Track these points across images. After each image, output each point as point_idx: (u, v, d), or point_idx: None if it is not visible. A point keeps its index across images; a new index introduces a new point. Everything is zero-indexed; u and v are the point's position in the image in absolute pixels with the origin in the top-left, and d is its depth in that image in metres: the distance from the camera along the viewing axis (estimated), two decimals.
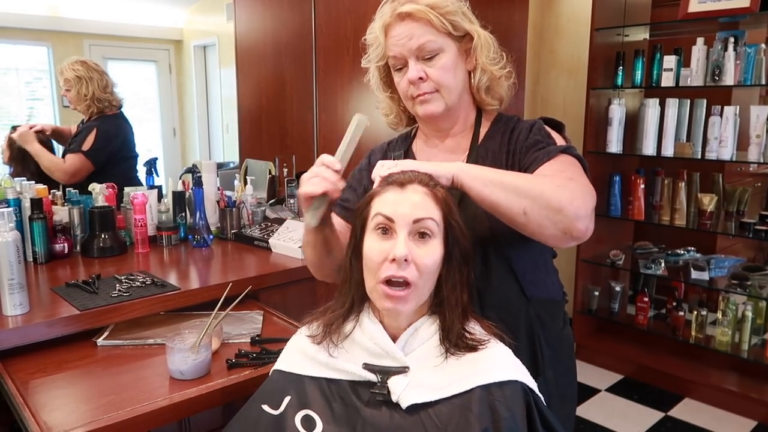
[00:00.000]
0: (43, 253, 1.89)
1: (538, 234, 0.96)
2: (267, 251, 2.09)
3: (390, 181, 0.94)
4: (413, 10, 1.07)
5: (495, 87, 1.16)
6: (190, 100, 6.39)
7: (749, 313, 2.77)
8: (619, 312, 3.28)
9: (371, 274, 0.92)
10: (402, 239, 0.89)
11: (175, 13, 6.24)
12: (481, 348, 0.92)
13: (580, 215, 0.94)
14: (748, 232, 2.79)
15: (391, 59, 1.13)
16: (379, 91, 1.25)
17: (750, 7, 2.56)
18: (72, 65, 2.61)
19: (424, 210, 0.91)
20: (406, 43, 1.09)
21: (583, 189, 0.99)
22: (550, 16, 3.61)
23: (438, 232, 0.91)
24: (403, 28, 1.09)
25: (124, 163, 2.74)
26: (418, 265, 0.89)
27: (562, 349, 1.19)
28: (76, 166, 2.51)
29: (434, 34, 1.08)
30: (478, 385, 0.88)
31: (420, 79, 1.10)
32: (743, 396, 2.72)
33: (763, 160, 2.65)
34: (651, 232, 3.49)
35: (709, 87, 2.77)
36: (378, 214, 0.92)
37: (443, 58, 1.10)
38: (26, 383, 1.25)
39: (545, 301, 1.16)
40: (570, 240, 0.96)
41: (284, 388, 0.98)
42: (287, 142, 3.08)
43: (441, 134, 1.20)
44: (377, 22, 1.14)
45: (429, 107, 1.12)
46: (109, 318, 1.50)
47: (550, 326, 1.16)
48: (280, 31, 3.05)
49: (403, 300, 0.90)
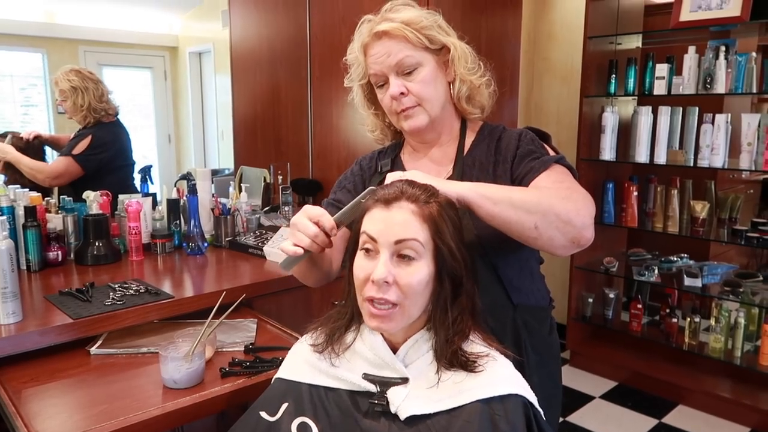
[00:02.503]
0: (36, 261, 1.89)
1: (547, 245, 1.00)
2: (261, 259, 2.09)
3: (377, 197, 0.92)
4: (389, 28, 1.11)
5: (475, 96, 1.19)
6: (186, 107, 6.39)
7: (742, 319, 2.79)
8: (613, 319, 3.29)
9: (359, 292, 0.92)
10: (383, 261, 0.88)
11: (171, 20, 6.25)
12: (477, 369, 0.90)
13: (586, 224, 0.98)
14: (740, 239, 2.81)
15: (373, 77, 1.17)
16: (364, 109, 1.29)
17: (740, 16, 2.58)
18: (66, 75, 2.61)
19: (407, 230, 0.88)
20: (384, 61, 1.12)
21: (585, 199, 1.03)
22: (544, 24, 3.63)
23: (424, 252, 0.89)
24: (381, 47, 1.12)
25: (121, 171, 2.74)
26: (401, 285, 0.88)
27: (548, 354, 1.21)
28: (60, 168, 2.51)
29: (411, 50, 1.11)
30: (478, 399, 0.87)
31: (401, 94, 1.13)
32: (736, 402, 2.73)
33: (754, 168, 2.67)
34: (644, 239, 3.51)
35: (701, 95, 2.80)
36: (364, 232, 0.92)
37: (422, 72, 1.12)
38: (19, 392, 1.24)
39: (532, 308, 1.18)
40: (576, 248, 1.01)
41: (283, 395, 0.98)
42: (282, 150, 3.09)
43: (426, 145, 1.23)
44: (356, 43, 1.18)
45: (413, 122, 1.15)
46: (103, 326, 1.50)
47: (537, 332, 1.17)
48: (275, 39, 3.06)
49: (388, 319, 0.89)
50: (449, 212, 0.93)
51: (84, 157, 2.54)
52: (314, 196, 2.92)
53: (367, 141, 2.74)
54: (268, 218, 2.51)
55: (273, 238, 2.15)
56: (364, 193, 0.98)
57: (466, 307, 0.94)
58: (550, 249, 1.00)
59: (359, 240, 0.93)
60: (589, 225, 0.99)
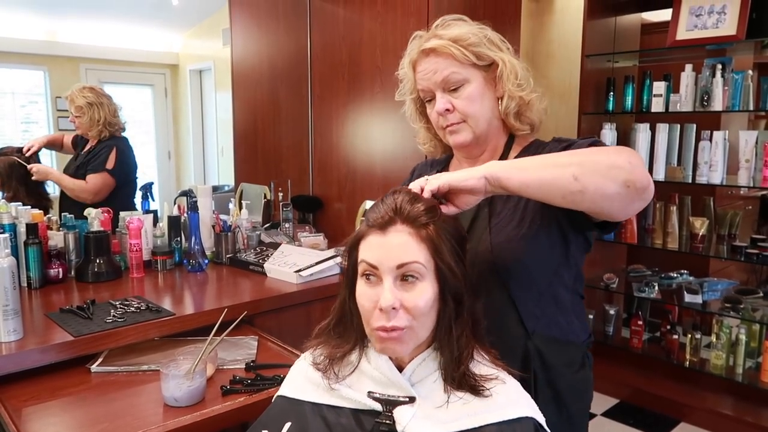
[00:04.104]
0: (37, 278, 1.89)
1: (600, 199, 0.91)
2: (262, 276, 2.09)
3: (371, 223, 0.90)
4: (436, 45, 1.11)
5: (525, 112, 1.17)
6: (186, 124, 6.40)
7: (743, 336, 2.78)
8: (613, 335, 3.28)
9: (366, 322, 0.91)
10: (387, 287, 0.87)
11: (172, 38, 6.29)
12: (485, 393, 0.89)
13: (635, 164, 0.90)
14: (740, 256, 2.81)
15: (421, 92, 1.18)
16: (415, 123, 1.29)
17: (736, 35, 2.62)
18: (81, 92, 2.69)
19: (407, 254, 0.87)
20: (431, 77, 1.13)
21: (621, 147, 0.96)
22: (542, 43, 3.67)
23: (427, 272, 0.88)
24: (428, 63, 1.13)
25: (129, 186, 2.77)
26: (408, 309, 0.87)
27: (570, 394, 1.13)
28: (98, 185, 2.56)
29: (458, 67, 1.11)
30: (490, 422, 0.86)
31: (447, 111, 1.13)
32: (738, 420, 2.71)
33: (753, 184, 2.68)
34: (644, 256, 3.51)
35: (698, 112, 2.82)
36: (363, 261, 0.90)
37: (468, 88, 1.12)
38: (19, 411, 1.24)
39: (551, 339, 1.11)
40: (636, 195, 0.91)
41: (285, 413, 0.97)
42: (282, 167, 3.10)
43: (471, 160, 1.22)
44: (406, 59, 1.19)
45: (457, 137, 1.16)
46: (104, 344, 1.50)
47: (554, 366, 1.11)
48: (276, 57, 3.09)
49: (398, 340, 0.88)
50: (447, 227, 0.92)
51: (116, 170, 2.60)
52: (315, 213, 2.92)
53: (367, 158, 2.78)
54: (268, 235, 2.51)
55: (273, 255, 2.15)
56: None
57: (467, 323, 0.93)
58: (607, 204, 0.92)
59: (357, 268, 0.92)
60: (640, 165, 0.90)
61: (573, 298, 1.17)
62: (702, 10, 2.74)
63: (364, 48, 2.59)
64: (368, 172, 2.66)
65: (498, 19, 2.76)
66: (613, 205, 0.93)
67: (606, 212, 0.96)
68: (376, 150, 2.63)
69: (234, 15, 3.34)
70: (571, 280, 1.15)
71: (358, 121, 2.66)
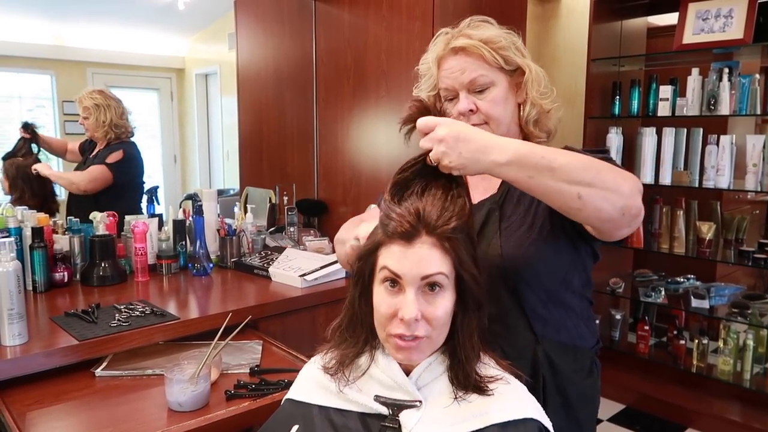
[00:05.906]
0: (42, 282, 1.89)
1: (594, 219, 0.92)
2: (267, 280, 2.08)
3: (393, 232, 0.88)
4: (467, 44, 1.10)
5: (543, 120, 1.17)
6: (191, 128, 6.43)
7: (750, 341, 2.76)
8: (620, 340, 3.26)
9: (381, 326, 0.90)
10: (410, 299, 0.86)
11: (178, 42, 6.32)
12: (489, 392, 0.89)
13: (634, 191, 0.92)
14: (747, 260, 2.79)
15: (443, 90, 1.16)
16: None
17: (743, 39, 2.60)
18: (90, 94, 2.73)
19: (433, 265, 0.86)
20: (458, 77, 1.12)
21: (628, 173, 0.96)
22: (548, 47, 3.67)
23: (448, 283, 0.88)
24: (456, 62, 1.12)
25: (135, 190, 2.78)
26: (430, 319, 0.87)
27: (579, 400, 1.12)
28: (94, 173, 2.57)
29: (486, 69, 1.11)
30: (493, 423, 0.86)
31: (470, 111, 1.12)
32: (746, 426, 2.69)
33: (760, 189, 2.67)
34: (650, 260, 3.49)
35: (705, 116, 2.80)
36: (385, 267, 0.89)
37: (494, 91, 1.12)
38: (23, 415, 1.24)
39: (560, 344, 1.11)
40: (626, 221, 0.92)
41: (293, 416, 0.97)
42: (287, 171, 3.10)
43: None
44: (431, 54, 1.17)
45: None
46: (108, 348, 1.50)
47: (563, 372, 1.10)
48: (281, 61, 3.09)
49: (416, 349, 0.88)
50: (465, 234, 0.91)
51: (117, 166, 2.61)
52: (319, 217, 2.92)
53: (372, 162, 2.78)
54: (273, 239, 2.51)
55: (278, 259, 2.15)
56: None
57: (476, 327, 0.93)
58: (598, 224, 0.93)
59: (375, 271, 0.91)
60: (637, 193, 0.92)
61: (582, 302, 1.16)
62: (709, 13, 2.73)
63: (369, 52, 2.59)
64: (373, 176, 2.66)
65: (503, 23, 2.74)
66: (604, 226, 0.95)
67: (596, 229, 0.97)
68: (381, 154, 2.63)
69: (240, 19, 3.35)
70: (580, 285, 1.14)
71: (363, 124, 2.66)
